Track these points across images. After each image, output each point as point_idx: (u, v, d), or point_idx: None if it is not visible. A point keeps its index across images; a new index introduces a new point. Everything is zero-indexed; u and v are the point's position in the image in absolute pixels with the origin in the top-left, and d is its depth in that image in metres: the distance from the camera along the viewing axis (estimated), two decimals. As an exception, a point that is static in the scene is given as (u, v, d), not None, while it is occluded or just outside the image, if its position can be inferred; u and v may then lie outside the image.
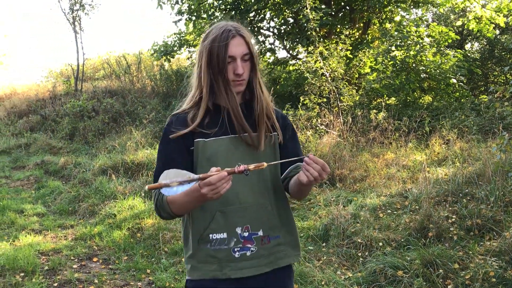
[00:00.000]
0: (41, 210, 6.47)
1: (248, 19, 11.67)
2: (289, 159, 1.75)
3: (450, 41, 11.43)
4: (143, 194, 6.35)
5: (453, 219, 4.42)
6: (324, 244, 4.52)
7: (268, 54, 13.07)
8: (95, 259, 4.66)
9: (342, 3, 11.86)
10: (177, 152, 1.73)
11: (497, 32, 13.66)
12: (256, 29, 12.08)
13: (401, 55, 9.84)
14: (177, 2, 12.47)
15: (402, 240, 4.26)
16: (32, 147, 11.21)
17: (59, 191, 7.25)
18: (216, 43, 1.69)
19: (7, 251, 4.75)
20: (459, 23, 13.45)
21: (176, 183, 1.52)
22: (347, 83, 8.40)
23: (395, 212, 4.94)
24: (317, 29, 8.67)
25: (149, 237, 5.07)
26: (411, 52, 9.66)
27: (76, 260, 4.66)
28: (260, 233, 1.74)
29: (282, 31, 12.49)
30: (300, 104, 8.34)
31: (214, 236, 1.71)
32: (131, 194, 6.40)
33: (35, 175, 8.70)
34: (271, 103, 1.87)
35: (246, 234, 1.72)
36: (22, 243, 5.07)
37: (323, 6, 9.82)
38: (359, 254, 4.19)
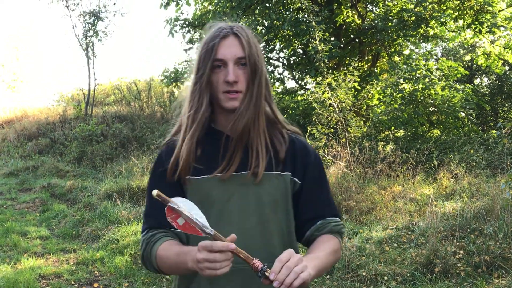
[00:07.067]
0: (44, 233, 6.45)
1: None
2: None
3: (459, 75, 11.48)
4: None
5: (461, 255, 4.33)
6: (328, 276, 4.44)
7: (277, 83, 13.19)
8: (95, 285, 4.60)
9: (352, 36, 12.00)
10: (168, 193, 1.32)
11: (506, 68, 13.70)
12: (266, 59, 12.22)
13: (409, 88, 9.87)
14: (188, 31, 12.69)
15: (408, 274, 4.17)
16: (39, 169, 11.25)
17: (64, 215, 7.23)
18: (205, 45, 1.35)
19: (8, 273, 4.72)
20: (468, 58, 13.52)
21: (186, 215, 1.18)
22: (355, 114, 8.41)
23: (401, 246, 4.86)
24: (326, 60, 8.75)
25: (151, 264, 5.00)
26: (420, 86, 9.69)
27: (76, 285, 4.61)
28: None
29: (291, 61, 12.62)
30: (308, 134, 8.34)
31: None
32: (135, 219, 6.36)
33: (41, 198, 8.69)
34: (282, 124, 1.45)
35: None
36: (24, 266, 5.03)
37: (332, 39, 9.94)
38: (364, 288, 4.10)
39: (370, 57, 12.00)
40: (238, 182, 1.37)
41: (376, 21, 10.77)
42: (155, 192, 1.16)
